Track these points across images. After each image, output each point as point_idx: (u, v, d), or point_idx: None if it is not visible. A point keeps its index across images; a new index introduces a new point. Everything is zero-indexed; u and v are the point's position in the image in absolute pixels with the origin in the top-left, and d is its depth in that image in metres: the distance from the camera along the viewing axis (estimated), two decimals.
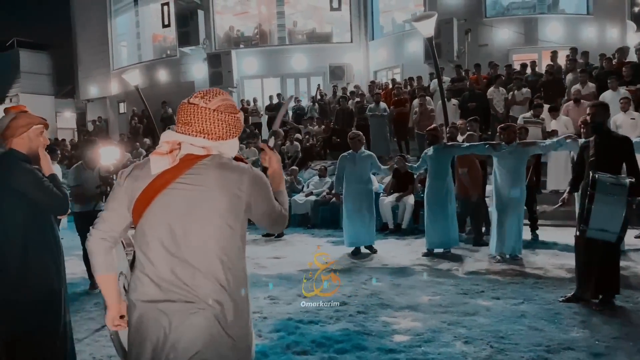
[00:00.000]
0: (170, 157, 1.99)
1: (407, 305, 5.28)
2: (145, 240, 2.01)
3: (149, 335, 1.96)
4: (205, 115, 2.01)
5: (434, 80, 14.38)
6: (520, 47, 16.60)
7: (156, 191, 1.99)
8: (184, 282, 1.94)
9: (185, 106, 2.04)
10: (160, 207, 1.98)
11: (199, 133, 2.01)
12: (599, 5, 16.91)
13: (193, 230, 1.97)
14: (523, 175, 7.06)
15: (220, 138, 2.05)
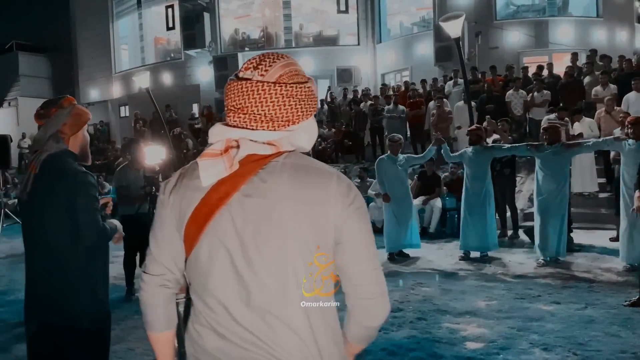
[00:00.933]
0: (227, 159, 1.38)
1: (465, 311, 5.12)
2: (201, 279, 1.43)
3: None
4: (264, 93, 1.38)
5: (448, 82, 14.33)
6: (531, 50, 16.56)
7: (211, 210, 1.39)
8: (258, 336, 1.38)
9: (234, 85, 1.42)
10: (219, 232, 1.39)
11: (259, 122, 1.39)
12: (608, 8, 16.92)
13: (265, 263, 1.37)
14: (567, 177, 6.93)
15: (289, 122, 1.41)
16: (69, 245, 2.54)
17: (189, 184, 1.44)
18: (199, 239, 1.40)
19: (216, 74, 18.64)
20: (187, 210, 1.42)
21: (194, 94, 19.79)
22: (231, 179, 1.39)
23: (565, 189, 6.91)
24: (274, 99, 1.38)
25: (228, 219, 1.38)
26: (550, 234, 6.80)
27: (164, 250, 1.49)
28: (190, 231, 1.42)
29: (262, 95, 1.38)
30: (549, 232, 6.81)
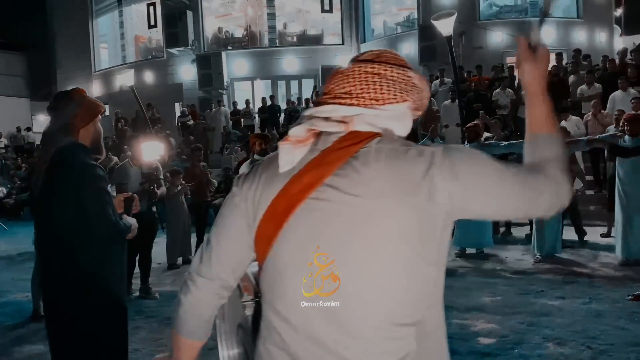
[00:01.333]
0: (310, 143, 1.21)
1: (472, 307, 5.11)
2: (277, 287, 1.19)
3: None
4: (346, 71, 1.25)
5: (435, 82, 14.40)
6: (514, 50, 16.63)
7: (292, 204, 1.16)
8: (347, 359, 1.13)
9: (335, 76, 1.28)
10: (301, 230, 1.16)
11: (341, 99, 1.22)
12: (588, 10, 17.24)
13: (358, 270, 1.13)
14: None
15: (382, 101, 1.22)
16: (81, 240, 2.44)
17: (266, 174, 1.23)
18: (275, 240, 1.18)
19: (199, 73, 18.45)
20: (262, 205, 1.20)
21: (177, 93, 19.55)
22: (316, 167, 1.17)
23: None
24: (356, 75, 1.24)
25: (311, 215, 1.16)
26: (546, 230, 6.86)
27: (228, 253, 1.27)
28: (266, 230, 1.19)
29: (345, 73, 1.25)
30: (545, 228, 6.86)
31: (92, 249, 2.47)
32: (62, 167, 2.43)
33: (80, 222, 2.44)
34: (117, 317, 2.58)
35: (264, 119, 16.56)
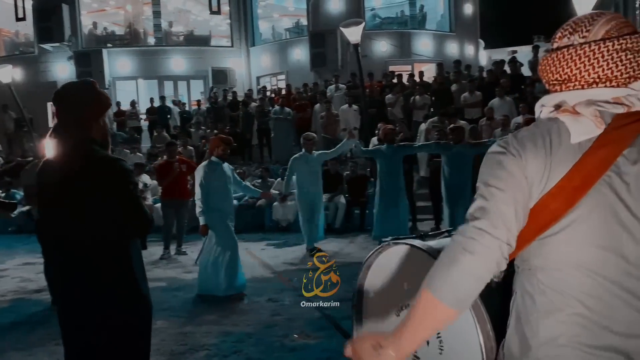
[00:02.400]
0: (592, 117, 1.19)
1: None
2: (568, 268, 1.19)
3: None
4: (593, 55, 1.21)
5: (330, 87, 14.93)
6: (396, 60, 17.93)
7: (589, 179, 1.15)
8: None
9: (550, 58, 1.27)
10: (596, 209, 1.16)
11: (601, 82, 1.22)
12: (459, 25, 18.98)
13: None
14: (470, 172, 7.75)
15: (632, 79, 1.21)
16: (109, 238, 2.39)
17: (555, 150, 1.19)
18: (565, 214, 1.16)
19: (78, 71, 17.27)
20: (554, 176, 1.18)
21: (50, 92, 17.88)
22: (608, 142, 1.16)
23: (469, 183, 7.74)
24: (606, 57, 1.20)
25: (610, 192, 1.16)
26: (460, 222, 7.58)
27: (511, 209, 1.18)
28: (551, 204, 1.17)
29: (592, 57, 1.21)
30: (459, 221, 7.56)
31: (121, 247, 2.43)
32: (97, 164, 2.35)
33: (111, 218, 2.38)
34: (146, 312, 2.54)
35: (152, 120, 15.95)
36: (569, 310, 1.18)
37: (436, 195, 8.91)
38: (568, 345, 1.17)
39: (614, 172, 1.16)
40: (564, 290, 1.18)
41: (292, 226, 9.85)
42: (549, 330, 1.19)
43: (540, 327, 1.21)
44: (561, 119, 1.22)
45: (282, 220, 10.26)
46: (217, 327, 4.81)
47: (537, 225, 1.19)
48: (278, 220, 10.32)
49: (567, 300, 1.18)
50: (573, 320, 1.17)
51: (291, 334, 4.56)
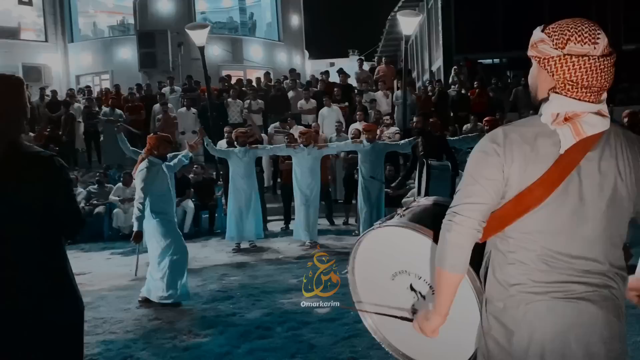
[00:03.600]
0: (573, 127, 1.53)
1: (286, 289, 5.81)
2: (549, 238, 1.56)
3: None
4: (604, 67, 1.51)
5: (164, 88, 14.48)
6: (229, 64, 18.08)
7: (563, 174, 1.53)
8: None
9: (571, 59, 1.51)
10: (564, 196, 1.54)
11: (594, 95, 1.54)
12: (287, 34, 19.81)
13: (596, 225, 1.57)
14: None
15: (604, 91, 1.56)
16: (40, 236, 2.27)
17: (536, 148, 1.53)
18: (545, 200, 1.52)
19: None
20: (535, 173, 1.52)
21: None
22: (578, 147, 1.51)
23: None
24: (607, 70, 1.50)
25: (575, 184, 1.53)
26: (312, 219, 8.06)
27: (486, 199, 1.55)
28: (535, 193, 1.52)
29: (602, 70, 1.49)
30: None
31: (54, 245, 2.32)
32: (32, 160, 2.21)
33: (46, 217, 2.26)
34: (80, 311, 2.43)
35: None
36: (532, 264, 1.57)
37: (287, 197, 9.32)
38: (530, 284, 1.58)
39: (579, 169, 1.53)
40: (529, 248, 1.57)
41: None
42: (518, 276, 1.59)
43: (512, 274, 1.60)
44: (552, 128, 1.54)
45: (124, 227, 9.72)
46: (93, 337, 4.50)
47: (522, 207, 1.55)
48: (120, 227, 9.76)
49: (531, 255, 1.57)
50: (534, 268, 1.57)
51: (180, 335, 4.49)
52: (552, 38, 1.53)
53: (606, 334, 1.55)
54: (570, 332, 1.54)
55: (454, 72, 14.63)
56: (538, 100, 1.62)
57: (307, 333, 4.41)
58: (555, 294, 1.55)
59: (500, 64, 16.93)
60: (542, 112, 1.57)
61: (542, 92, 1.60)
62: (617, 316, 1.58)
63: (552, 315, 1.54)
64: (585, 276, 1.55)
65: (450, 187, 6.19)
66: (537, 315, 1.55)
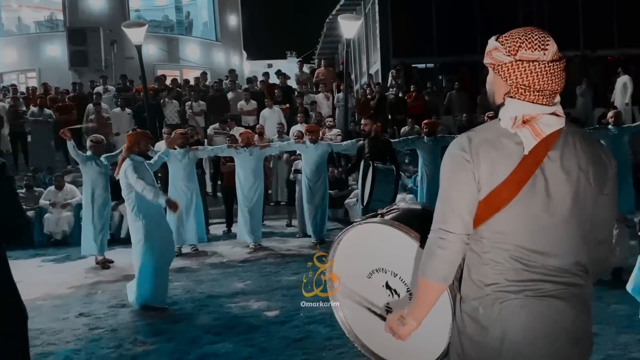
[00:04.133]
0: (532, 129, 1.61)
1: (233, 293, 5.74)
2: (518, 237, 1.62)
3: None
4: (554, 71, 1.61)
5: (97, 88, 13.93)
6: (165, 64, 17.64)
7: (528, 173, 1.59)
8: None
9: (522, 65, 1.60)
10: (530, 194, 1.60)
11: (547, 98, 1.64)
12: (225, 34, 19.56)
13: (563, 219, 1.64)
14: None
15: (557, 94, 1.65)
16: None
17: (502, 153, 1.58)
18: (513, 199, 1.57)
19: None
20: (501, 174, 1.57)
21: None
22: (540, 148, 1.58)
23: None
24: (558, 74, 1.59)
25: (540, 182, 1.59)
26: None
27: (468, 209, 1.60)
28: (503, 193, 1.58)
29: (552, 74, 1.58)
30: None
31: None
32: None
33: None
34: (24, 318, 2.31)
35: None
36: (506, 263, 1.63)
37: (229, 199, 9.21)
38: (505, 283, 1.63)
39: (542, 168, 1.60)
40: (502, 248, 1.63)
41: (69, 238, 9.04)
42: (493, 276, 1.64)
43: (487, 274, 1.65)
44: (512, 131, 1.61)
45: (55, 232, 9.27)
46: (30, 350, 4.24)
47: (492, 209, 1.61)
48: (51, 233, 9.29)
49: (504, 255, 1.63)
50: (508, 267, 1.63)
51: (124, 344, 4.32)
52: (504, 46, 1.61)
53: (575, 330, 1.63)
54: (541, 329, 1.60)
55: (391, 76, 14.95)
56: (496, 105, 1.70)
57: (258, 337, 4.37)
58: (528, 292, 1.61)
59: (434, 68, 17.46)
60: (501, 116, 1.65)
61: (499, 97, 1.67)
62: (586, 313, 1.67)
63: (525, 313, 1.60)
64: (556, 275, 1.62)
65: (394, 190, 6.33)
66: (511, 313, 1.61)
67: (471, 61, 16.57)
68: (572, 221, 1.63)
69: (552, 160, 1.60)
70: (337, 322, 2.22)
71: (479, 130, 1.68)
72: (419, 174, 8.43)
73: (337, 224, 9.64)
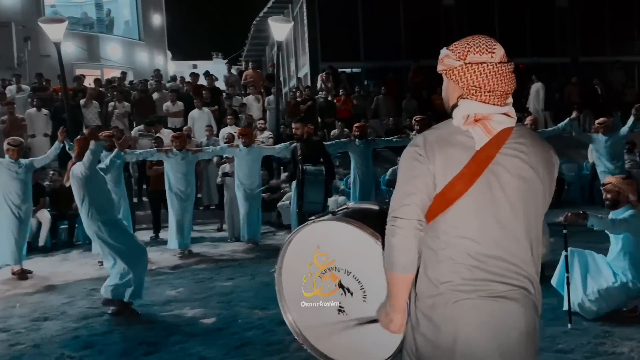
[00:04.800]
0: (483, 127, 1.68)
1: (165, 300, 5.54)
2: (465, 229, 1.67)
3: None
4: (502, 72, 1.69)
5: (9, 87, 13.04)
6: (84, 63, 16.83)
7: (480, 168, 1.66)
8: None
9: (472, 67, 1.68)
10: (482, 187, 1.65)
11: (499, 98, 1.71)
12: (148, 34, 18.94)
13: (517, 215, 1.70)
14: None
15: (509, 96, 1.74)
16: None
17: (454, 150, 1.65)
18: (466, 192, 1.64)
19: None
20: (455, 168, 1.64)
21: None
22: (492, 144, 1.66)
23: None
24: (507, 76, 1.67)
25: (491, 176, 1.65)
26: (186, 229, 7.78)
27: (420, 198, 1.64)
28: (456, 186, 1.64)
29: (501, 75, 1.67)
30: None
31: None
32: None
33: None
34: None
35: None
36: (461, 260, 1.67)
37: (157, 205, 8.92)
38: (459, 282, 1.67)
39: (494, 164, 1.66)
40: (457, 243, 1.67)
41: None
42: (449, 274, 1.68)
43: (443, 272, 1.68)
44: (464, 128, 1.69)
45: None
46: None
47: (447, 201, 1.66)
48: None
49: (459, 250, 1.67)
50: (463, 264, 1.67)
51: None
52: (454, 52, 1.72)
53: (525, 326, 1.69)
54: (493, 329, 1.65)
55: (320, 80, 15.06)
56: (450, 109, 1.76)
57: (196, 345, 4.23)
58: (480, 293, 1.65)
59: (360, 73, 17.76)
60: (454, 116, 1.72)
61: (453, 100, 1.76)
62: (535, 312, 1.73)
63: (477, 312, 1.65)
64: (507, 276, 1.67)
65: (324, 191, 6.33)
66: (464, 312, 1.65)
67: (396, 67, 17.08)
68: (522, 217, 1.69)
69: (504, 157, 1.67)
70: (276, 328, 2.19)
71: (434, 129, 1.74)
72: (351, 176, 8.52)
73: (269, 227, 9.58)
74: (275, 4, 17.87)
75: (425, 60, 16.39)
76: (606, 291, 4.28)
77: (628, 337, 3.94)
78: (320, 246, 2.00)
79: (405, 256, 1.64)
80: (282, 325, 4.31)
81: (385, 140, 8.93)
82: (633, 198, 4.36)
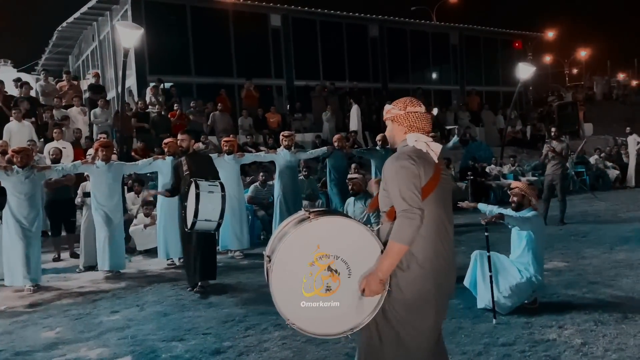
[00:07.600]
0: (434, 151, 2.64)
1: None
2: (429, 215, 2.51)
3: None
4: (429, 118, 2.74)
5: None
6: None
7: (438, 177, 2.57)
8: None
9: (417, 114, 2.66)
10: (439, 190, 2.57)
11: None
12: None
13: (450, 212, 2.67)
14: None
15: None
16: None
17: (426, 163, 2.55)
18: (430, 194, 2.52)
19: None
20: (427, 177, 2.52)
21: None
22: (440, 161, 2.63)
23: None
24: (429, 119, 2.71)
25: (442, 184, 2.59)
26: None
27: (419, 195, 2.47)
28: (428, 188, 2.52)
29: (426, 118, 2.69)
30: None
31: None
32: None
33: None
34: None
35: None
36: (433, 235, 2.55)
37: None
38: (430, 251, 2.54)
39: (441, 175, 2.61)
40: (429, 224, 2.52)
41: None
42: (426, 247, 2.53)
43: (420, 246, 2.52)
44: (425, 150, 2.59)
45: None
46: None
47: (424, 195, 2.52)
48: None
49: (430, 228, 2.53)
50: (433, 239, 2.55)
51: None
52: (397, 106, 2.69)
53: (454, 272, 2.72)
54: (451, 265, 2.66)
55: (151, 93, 14.14)
56: (397, 144, 2.70)
57: None
58: (444, 255, 2.58)
59: (191, 87, 17.15)
60: (408, 143, 2.62)
61: (399, 138, 2.69)
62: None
63: (442, 260, 2.58)
64: (451, 243, 2.66)
65: (221, 206, 5.76)
66: (433, 270, 2.54)
67: (229, 83, 16.91)
68: (451, 216, 2.65)
69: (442, 168, 2.63)
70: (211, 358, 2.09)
71: (411, 152, 2.56)
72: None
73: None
74: (91, 9, 16.40)
75: (257, 79, 16.61)
76: (516, 287, 4.75)
77: (546, 325, 4.41)
78: (320, 245, 2.44)
79: (413, 234, 2.43)
80: (216, 355, 3.93)
81: (254, 155, 8.75)
82: (534, 202, 4.96)
